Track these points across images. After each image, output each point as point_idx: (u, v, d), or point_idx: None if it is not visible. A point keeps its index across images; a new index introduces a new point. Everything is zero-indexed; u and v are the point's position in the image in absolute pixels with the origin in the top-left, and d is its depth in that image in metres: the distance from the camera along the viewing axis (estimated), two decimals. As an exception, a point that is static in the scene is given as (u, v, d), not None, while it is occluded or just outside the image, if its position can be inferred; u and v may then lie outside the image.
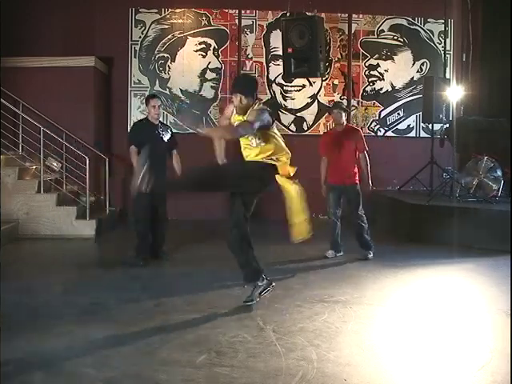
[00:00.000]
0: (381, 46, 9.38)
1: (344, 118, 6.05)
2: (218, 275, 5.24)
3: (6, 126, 7.69)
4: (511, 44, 7.84)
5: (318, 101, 9.27)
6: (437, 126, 8.30)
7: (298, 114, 9.25)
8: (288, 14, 8.65)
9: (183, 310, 4.14)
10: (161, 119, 6.43)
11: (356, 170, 6.04)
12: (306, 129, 9.27)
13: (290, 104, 9.22)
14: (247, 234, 4.18)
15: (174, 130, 6.19)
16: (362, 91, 9.36)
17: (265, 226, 8.09)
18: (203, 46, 9.09)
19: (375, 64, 9.38)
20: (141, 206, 5.62)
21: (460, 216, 6.64)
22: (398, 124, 9.44)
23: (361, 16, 9.30)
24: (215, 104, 9.12)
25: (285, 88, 9.21)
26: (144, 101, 6.27)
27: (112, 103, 9.01)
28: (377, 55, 9.37)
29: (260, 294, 4.21)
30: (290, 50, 7.72)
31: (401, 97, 9.42)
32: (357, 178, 6.05)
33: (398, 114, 9.43)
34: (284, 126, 9.21)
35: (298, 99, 9.24)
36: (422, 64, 9.42)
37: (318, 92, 9.26)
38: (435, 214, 7.01)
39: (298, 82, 9.11)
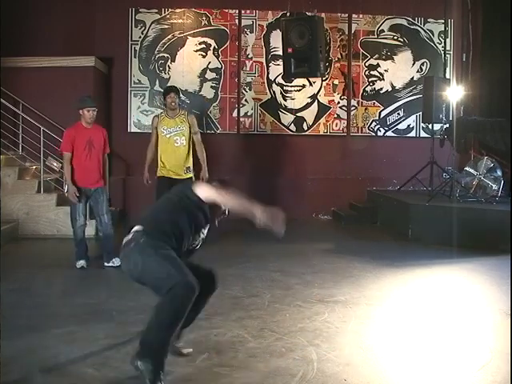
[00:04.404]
0: (381, 45, 9.37)
1: None
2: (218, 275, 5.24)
3: (6, 126, 7.69)
4: (511, 44, 7.83)
5: (318, 101, 9.27)
6: (437, 126, 8.30)
7: (298, 114, 9.24)
8: (288, 14, 8.65)
9: (183, 309, 4.13)
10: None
11: None
12: (305, 129, 9.26)
13: (289, 104, 9.21)
14: None
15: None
16: (362, 91, 9.35)
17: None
18: (203, 45, 9.08)
19: (375, 64, 9.36)
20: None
21: (460, 216, 6.63)
22: (398, 124, 9.43)
23: (361, 16, 9.30)
24: (215, 104, 9.11)
25: (285, 88, 9.20)
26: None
27: (112, 103, 9.01)
28: (377, 55, 9.36)
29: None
30: (290, 50, 7.71)
31: (401, 97, 9.41)
32: None
33: (398, 114, 9.42)
34: (284, 125, 9.22)
35: (298, 99, 9.23)
36: (422, 64, 9.41)
37: (318, 92, 9.26)
38: (435, 213, 7.01)
39: (298, 81, 9.10)
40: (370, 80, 9.36)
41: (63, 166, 5.89)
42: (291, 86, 9.18)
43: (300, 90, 9.21)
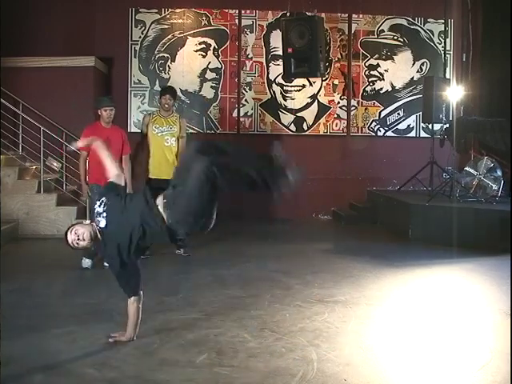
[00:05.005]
0: (381, 45, 9.37)
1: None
2: (218, 275, 5.25)
3: (6, 126, 7.69)
4: (511, 44, 7.83)
5: (318, 101, 9.26)
6: (437, 126, 8.30)
7: (298, 114, 9.24)
8: (288, 14, 8.65)
9: (183, 310, 4.14)
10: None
11: None
12: (305, 129, 9.26)
13: (290, 104, 9.21)
14: None
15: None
16: (362, 91, 9.36)
17: (264, 225, 8.10)
18: (203, 45, 9.08)
19: (375, 64, 9.36)
20: None
21: (460, 216, 6.63)
22: (398, 124, 9.43)
23: (361, 16, 9.30)
24: (215, 104, 9.11)
25: (285, 88, 9.20)
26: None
27: (112, 103, 9.00)
28: (377, 55, 9.36)
29: None
30: (290, 50, 7.72)
31: (401, 97, 9.41)
32: None
33: (398, 114, 9.42)
34: (284, 125, 9.22)
35: (298, 99, 9.23)
36: (422, 64, 9.41)
37: (318, 92, 9.25)
38: (435, 213, 7.01)
39: (298, 81, 9.10)
40: (370, 80, 9.36)
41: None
42: (291, 86, 9.18)
43: (300, 90, 9.21)
